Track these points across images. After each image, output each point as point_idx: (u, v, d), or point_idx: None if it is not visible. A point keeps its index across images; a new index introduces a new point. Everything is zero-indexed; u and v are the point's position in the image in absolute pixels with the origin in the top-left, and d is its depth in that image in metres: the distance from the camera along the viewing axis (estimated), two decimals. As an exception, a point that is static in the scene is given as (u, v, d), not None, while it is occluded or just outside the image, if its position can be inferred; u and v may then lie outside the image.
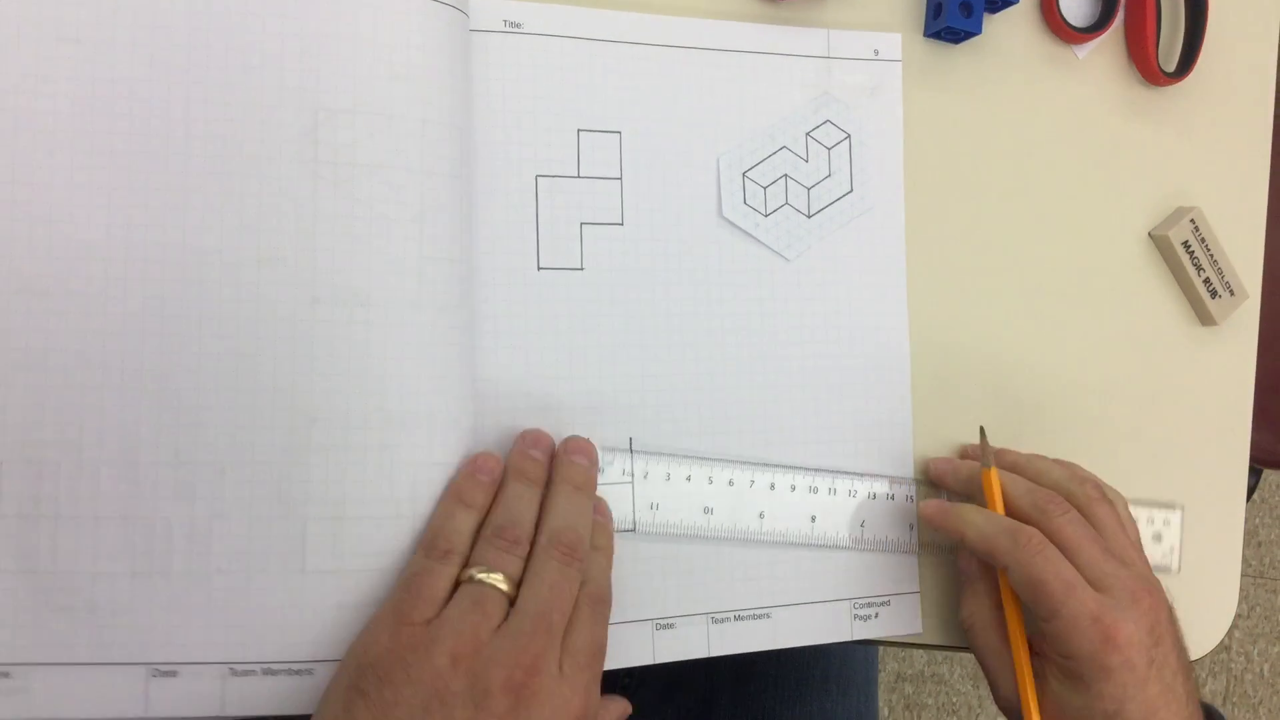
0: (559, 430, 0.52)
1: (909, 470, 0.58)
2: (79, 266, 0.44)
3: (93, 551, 0.44)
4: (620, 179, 0.54)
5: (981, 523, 0.53)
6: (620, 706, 0.51)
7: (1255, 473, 1.08)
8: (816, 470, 0.56)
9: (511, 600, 0.44)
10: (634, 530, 0.53)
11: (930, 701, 1.64)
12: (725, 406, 0.55)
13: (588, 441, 0.51)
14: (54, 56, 0.44)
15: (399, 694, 0.41)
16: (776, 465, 0.55)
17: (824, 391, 0.57)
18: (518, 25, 0.53)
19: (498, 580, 0.44)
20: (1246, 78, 0.67)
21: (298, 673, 0.45)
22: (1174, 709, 0.49)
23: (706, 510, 0.54)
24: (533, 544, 0.46)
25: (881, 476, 0.57)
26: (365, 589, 0.46)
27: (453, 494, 0.47)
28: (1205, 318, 0.64)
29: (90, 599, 0.44)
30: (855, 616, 0.56)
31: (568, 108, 0.54)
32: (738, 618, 0.54)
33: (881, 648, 0.84)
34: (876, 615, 0.56)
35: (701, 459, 0.54)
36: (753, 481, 0.55)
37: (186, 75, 0.45)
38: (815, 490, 0.56)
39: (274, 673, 0.45)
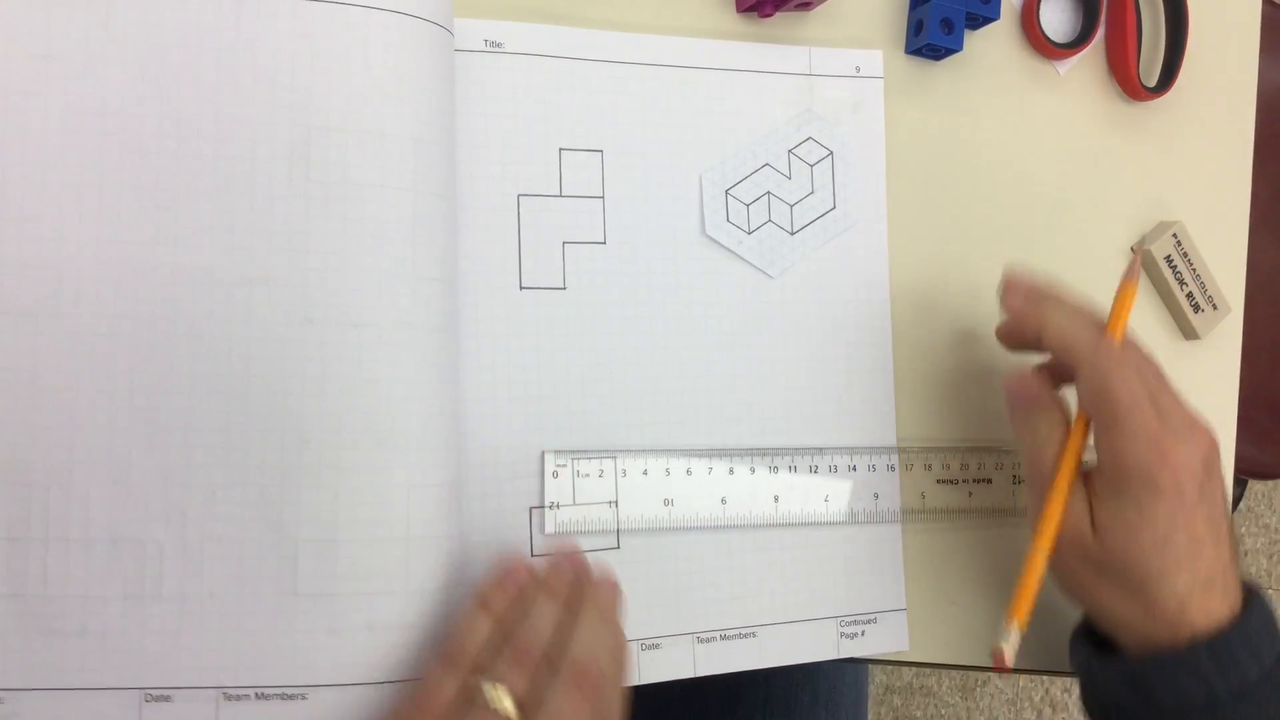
0: (541, 450, 0.53)
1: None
2: (68, 286, 0.46)
3: (83, 575, 0.45)
4: (602, 198, 0.56)
5: (1065, 318, 0.53)
6: None
7: (1240, 483, 1.10)
8: (777, 451, 0.58)
9: None
10: (618, 549, 0.54)
11: (919, 714, 1.66)
12: (709, 425, 0.57)
13: (616, 583, 0.50)
14: (43, 74, 0.46)
15: None
16: (734, 450, 0.57)
17: (809, 408, 0.58)
18: (499, 45, 0.55)
19: (503, 698, 0.42)
20: (1227, 92, 0.69)
21: (291, 697, 0.46)
22: (1219, 550, 0.50)
23: (666, 502, 0.55)
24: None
25: (842, 450, 0.59)
26: (358, 612, 0.47)
27: (477, 599, 0.47)
28: (1188, 332, 0.66)
29: (81, 623, 0.45)
30: (842, 634, 0.57)
31: (549, 127, 0.56)
32: (724, 637, 0.56)
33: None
34: (863, 633, 0.58)
35: (659, 451, 0.56)
36: (711, 468, 0.56)
37: (177, 94, 0.47)
38: (776, 470, 0.57)
39: (267, 697, 0.46)
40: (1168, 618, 0.49)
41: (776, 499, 0.57)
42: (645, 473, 0.55)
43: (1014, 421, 0.55)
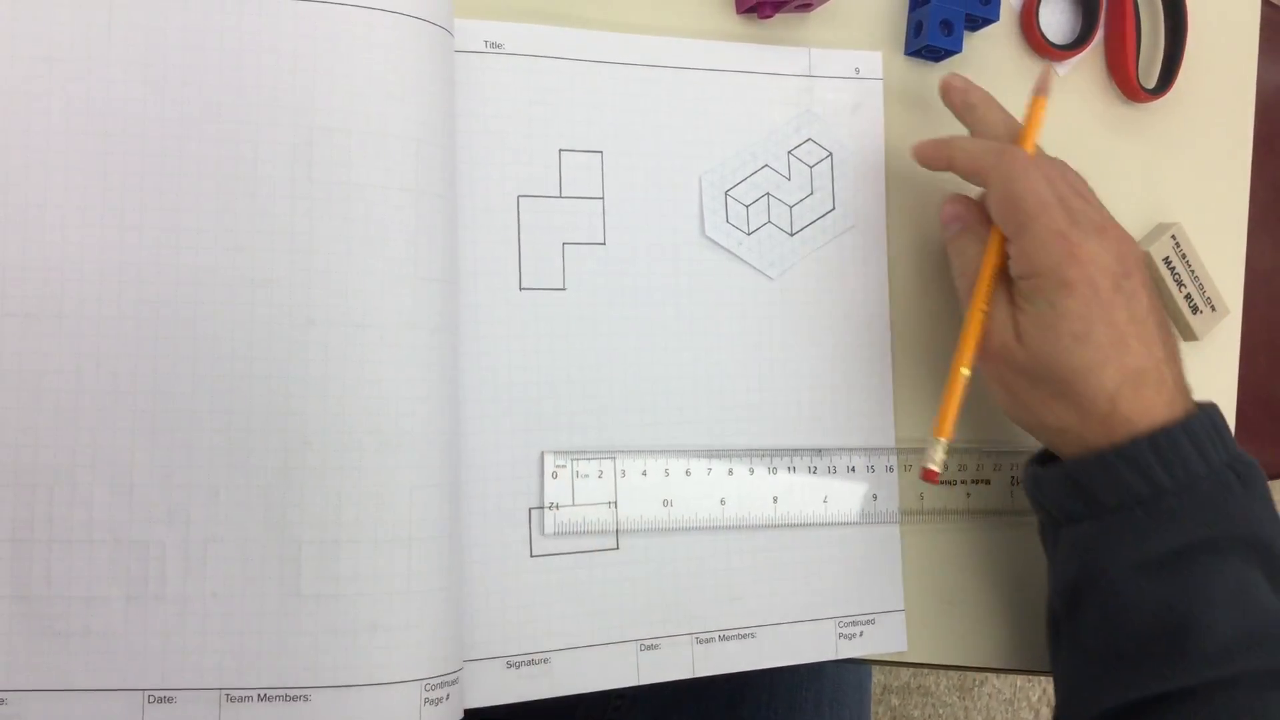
0: (541, 450, 0.54)
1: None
2: (71, 288, 0.46)
3: (86, 576, 0.45)
4: (602, 199, 0.56)
5: (970, 145, 0.55)
6: None
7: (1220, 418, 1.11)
8: (775, 451, 0.58)
9: None
10: (617, 549, 0.55)
11: (916, 713, 1.67)
12: (709, 425, 0.57)
13: None
14: (46, 75, 0.46)
15: None
16: (733, 450, 0.57)
17: (808, 409, 0.58)
18: (499, 46, 0.55)
19: None
20: (1226, 94, 0.70)
21: (294, 698, 0.46)
22: (1146, 343, 0.50)
23: (666, 503, 0.56)
24: None
25: (841, 450, 0.59)
26: (361, 613, 0.47)
27: None
28: (1187, 333, 0.67)
29: (84, 624, 0.45)
30: (840, 635, 0.58)
31: (549, 128, 0.56)
32: (723, 638, 0.56)
33: (866, 664, 0.86)
34: (861, 634, 0.58)
35: (658, 452, 0.56)
36: (710, 469, 0.57)
37: (179, 94, 0.47)
38: (775, 471, 0.58)
39: (269, 698, 0.46)
40: (1100, 415, 0.50)
41: (775, 500, 0.57)
42: (644, 473, 0.55)
43: (948, 245, 0.57)
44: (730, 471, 0.57)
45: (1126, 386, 0.49)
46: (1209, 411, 0.50)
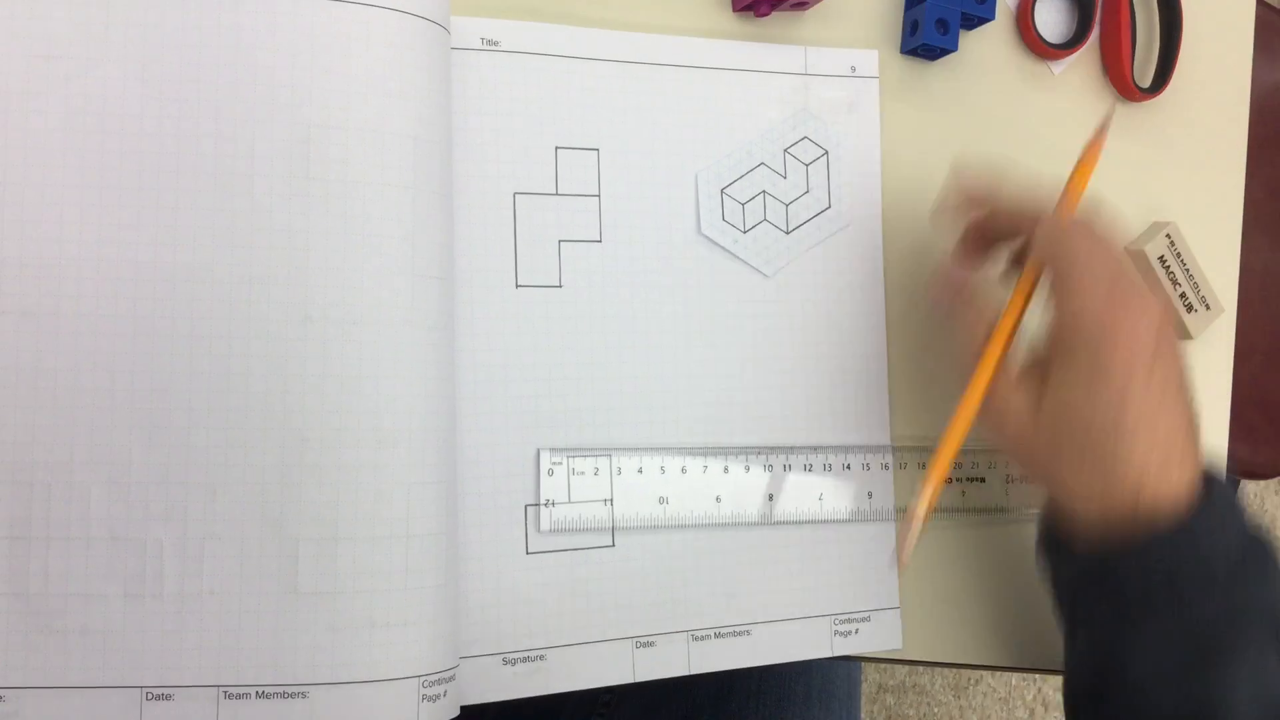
0: (536, 448, 0.54)
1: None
2: (68, 286, 0.46)
3: (84, 573, 0.46)
4: (598, 196, 0.57)
5: (1017, 194, 0.55)
6: None
7: (1233, 484, 1.11)
8: (771, 449, 0.58)
9: None
10: (613, 546, 0.55)
11: (911, 712, 1.67)
12: (705, 422, 0.57)
13: None
14: (43, 74, 0.46)
15: None
16: (729, 448, 0.58)
17: (803, 407, 0.59)
18: (495, 43, 0.55)
19: None
20: (1221, 92, 0.70)
21: (291, 695, 0.46)
22: (1175, 416, 0.50)
23: (661, 500, 0.56)
24: None
25: (837, 448, 0.59)
26: (358, 610, 0.47)
27: None
28: (1181, 332, 0.67)
29: (82, 621, 0.46)
30: (836, 632, 0.58)
31: (545, 125, 0.56)
32: (718, 635, 0.56)
33: (861, 662, 0.86)
34: (857, 631, 0.59)
35: (654, 449, 0.56)
36: (705, 467, 0.57)
37: (176, 93, 0.47)
38: (770, 468, 0.58)
39: (268, 695, 0.46)
40: (1125, 491, 0.49)
41: (771, 497, 0.57)
42: (640, 471, 0.56)
43: (944, 316, 0.56)
44: (726, 469, 0.57)
45: (1154, 464, 0.49)
46: (1224, 487, 0.50)
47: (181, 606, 0.46)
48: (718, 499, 0.57)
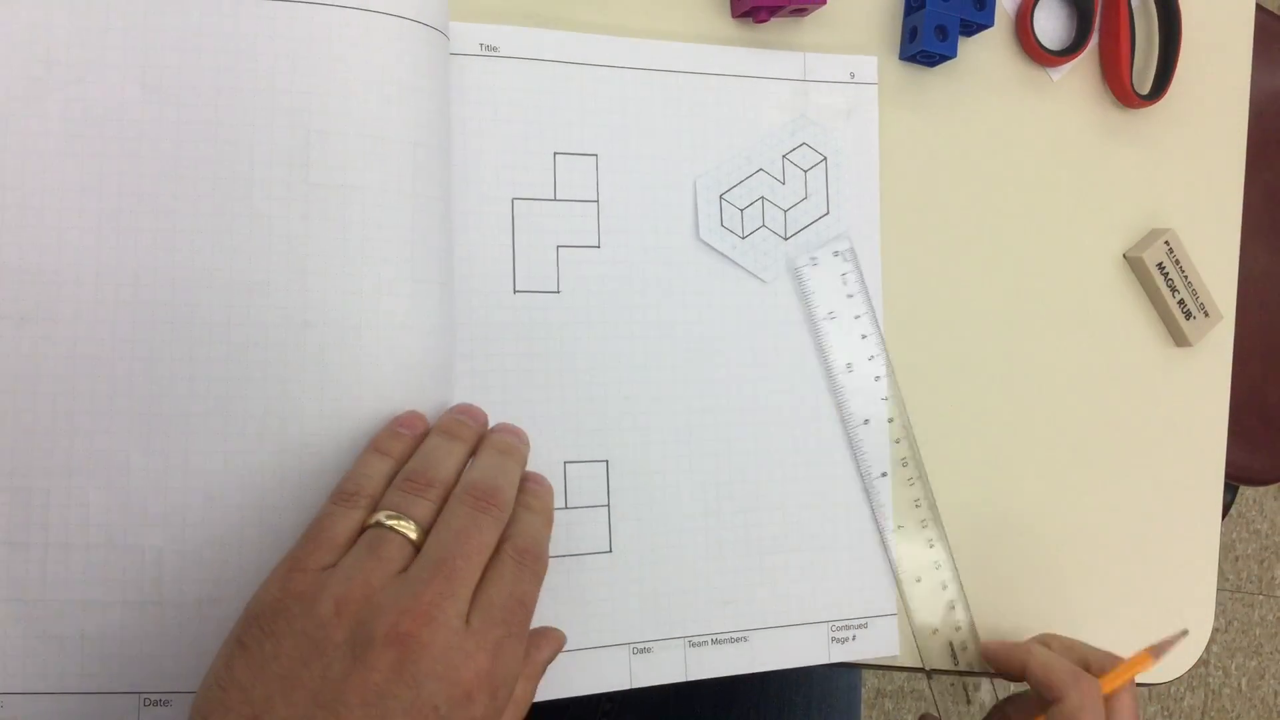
0: (535, 454, 0.54)
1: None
2: (67, 290, 0.46)
3: (82, 579, 0.46)
4: (597, 202, 0.57)
5: (1047, 658, 0.57)
6: (554, 643, 0.49)
7: (1231, 489, 1.12)
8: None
9: (419, 549, 0.42)
10: (610, 552, 0.55)
11: (910, 718, 1.67)
12: (703, 427, 0.57)
13: (520, 429, 0.51)
14: (42, 79, 0.46)
15: (279, 646, 0.38)
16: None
17: (803, 414, 0.59)
18: (494, 49, 0.55)
19: (405, 526, 0.42)
20: (1220, 100, 0.70)
21: (287, 700, 0.47)
22: None
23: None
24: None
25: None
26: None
27: (370, 445, 0.46)
28: (1180, 339, 0.67)
29: (81, 628, 0.46)
30: (833, 639, 0.58)
31: (544, 131, 0.56)
32: (715, 641, 0.56)
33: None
34: (854, 637, 0.59)
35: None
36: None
37: (176, 98, 0.47)
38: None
39: None
40: None
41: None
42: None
43: None
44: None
45: None
46: None
47: (180, 613, 0.46)
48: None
